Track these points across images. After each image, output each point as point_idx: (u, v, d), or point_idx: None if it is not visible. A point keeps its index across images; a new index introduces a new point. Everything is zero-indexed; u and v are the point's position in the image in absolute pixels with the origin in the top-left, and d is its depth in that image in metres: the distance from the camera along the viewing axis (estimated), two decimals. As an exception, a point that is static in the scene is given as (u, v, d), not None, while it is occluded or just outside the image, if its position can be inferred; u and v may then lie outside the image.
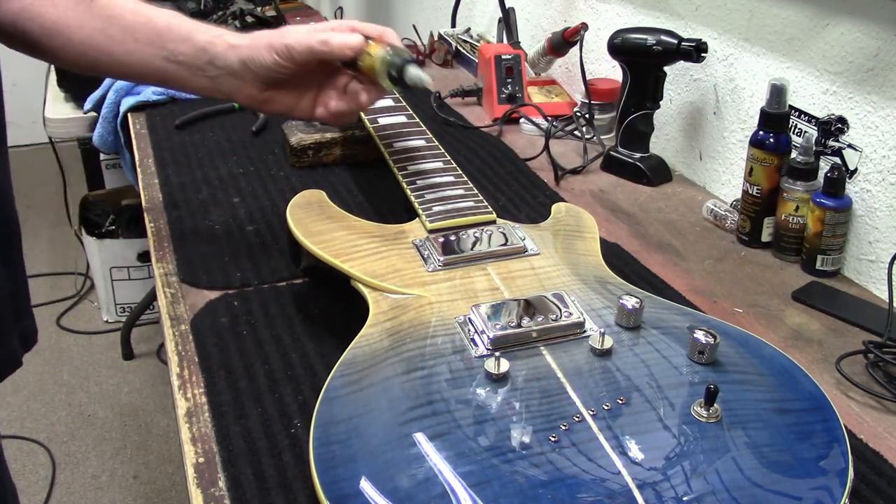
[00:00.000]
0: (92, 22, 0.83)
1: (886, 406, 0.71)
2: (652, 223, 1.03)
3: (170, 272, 0.89)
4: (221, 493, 0.60)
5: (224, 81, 0.85)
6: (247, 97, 0.86)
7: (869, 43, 0.86)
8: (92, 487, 1.97)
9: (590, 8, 1.39)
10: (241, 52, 0.83)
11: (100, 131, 1.49)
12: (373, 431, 0.56)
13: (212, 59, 0.84)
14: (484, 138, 1.28)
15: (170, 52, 0.84)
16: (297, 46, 0.83)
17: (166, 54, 0.84)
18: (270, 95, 0.87)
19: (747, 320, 0.83)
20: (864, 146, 0.89)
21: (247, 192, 1.08)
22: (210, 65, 0.84)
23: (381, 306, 0.70)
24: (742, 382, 0.61)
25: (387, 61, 0.82)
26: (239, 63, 0.83)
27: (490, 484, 0.51)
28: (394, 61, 0.82)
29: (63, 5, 0.83)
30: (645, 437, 0.55)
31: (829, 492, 0.53)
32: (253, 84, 0.85)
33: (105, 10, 0.84)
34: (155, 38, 0.84)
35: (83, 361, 2.42)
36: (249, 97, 0.86)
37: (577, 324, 0.65)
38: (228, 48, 0.84)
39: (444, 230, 0.79)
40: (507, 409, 0.58)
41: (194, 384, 0.72)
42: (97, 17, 0.84)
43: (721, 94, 1.10)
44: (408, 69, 0.81)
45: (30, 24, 0.82)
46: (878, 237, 0.88)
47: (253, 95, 0.86)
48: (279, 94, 0.87)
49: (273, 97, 0.87)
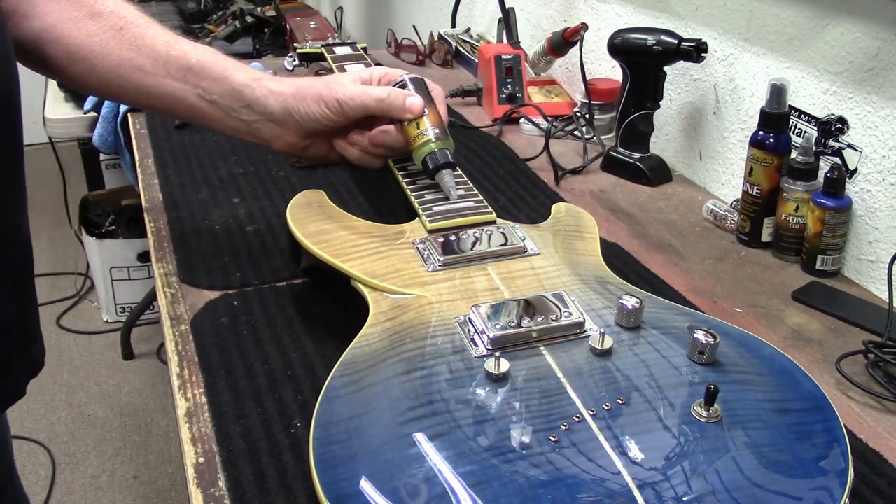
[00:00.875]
0: (120, 51, 0.80)
1: (886, 406, 0.71)
2: (652, 223, 1.03)
3: (170, 272, 0.89)
4: (221, 493, 0.60)
5: (262, 127, 0.83)
6: (286, 144, 0.85)
7: (869, 43, 0.86)
8: (92, 487, 1.98)
9: (590, 8, 1.39)
10: (286, 102, 0.81)
11: (100, 131, 1.49)
12: (373, 431, 0.56)
13: (249, 103, 0.82)
14: (484, 138, 1.28)
15: (203, 89, 0.82)
16: (349, 102, 0.81)
17: (199, 91, 0.82)
18: (310, 143, 0.85)
19: (747, 320, 0.83)
20: (864, 146, 0.89)
21: (247, 192, 1.08)
22: (247, 108, 0.82)
23: (381, 306, 0.70)
24: (742, 382, 0.61)
25: (431, 151, 0.83)
26: (282, 111, 0.81)
27: (490, 484, 0.51)
28: (437, 156, 0.82)
29: (88, 30, 0.80)
30: (645, 437, 0.55)
31: (829, 492, 0.53)
32: (294, 133, 0.83)
33: (137, 40, 0.81)
34: (188, 74, 0.81)
35: (83, 361, 2.42)
36: (288, 144, 0.85)
37: (577, 324, 0.65)
38: (269, 94, 0.81)
39: (444, 230, 0.79)
40: (507, 409, 0.58)
41: (194, 384, 0.72)
42: (127, 45, 0.81)
43: (721, 94, 1.10)
44: (443, 173, 0.82)
45: (52, 47, 0.79)
46: (878, 237, 0.88)
47: (293, 143, 0.84)
48: (318, 142, 0.86)
49: (312, 144, 0.85)
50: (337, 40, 1.33)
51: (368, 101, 0.82)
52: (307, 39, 1.37)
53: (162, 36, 0.82)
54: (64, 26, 0.79)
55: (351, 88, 0.82)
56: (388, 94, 0.82)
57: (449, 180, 0.83)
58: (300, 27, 1.84)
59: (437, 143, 0.83)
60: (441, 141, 0.83)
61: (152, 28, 0.83)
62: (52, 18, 0.79)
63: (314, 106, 0.81)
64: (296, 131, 0.83)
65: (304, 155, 0.88)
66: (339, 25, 2.49)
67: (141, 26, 0.82)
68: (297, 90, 0.81)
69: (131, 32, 0.81)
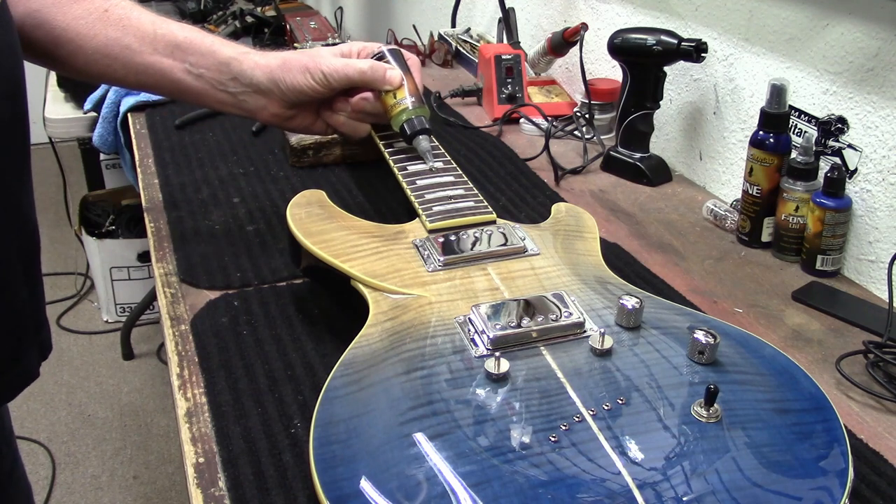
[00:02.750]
0: (106, 31, 0.83)
1: (886, 406, 0.71)
2: (652, 223, 1.03)
3: (170, 272, 0.89)
4: (221, 493, 0.60)
5: (248, 98, 0.87)
6: (270, 115, 0.88)
7: (869, 43, 0.86)
8: (92, 487, 1.98)
9: (590, 8, 1.39)
10: (272, 73, 0.85)
11: (100, 131, 1.49)
12: (373, 431, 0.56)
13: (236, 75, 0.85)
14: (484, 138, 1.28)
15: (191, 64, 0.85)
16: (334, 74, 0.86)
17: (187, 66, 0.85)
18: (294, 113, 0.89)
19: (747, 320, 0.83)
20: (864, 146, 0.89)
21: (247, 192, 1.08)
22: (234, 81, 0.85)
23: (381, 306, 0.70)
24: (742, 382, 0.61)
25: (408, 118, 0.88)
26: (268, 82, 0.85)
27: (490, 484, 0.51)
28: (413, 122, 0.88)
29: (73, 13, 0.81)
30: (645, 437, 0.55)
31: (829, 492, 0.53)
32: (279, 103, 0.87)
33: (122, 21, 0.83)
34: (175, 50, 0.84)
35: (83, 361, 2.42)
36: (273, 115, 0.88)
37: (577, 324, 0.65)
38: (256, 66, 0.85)
39: (444, 230, 0.79)
40: (507, 409, 0.58)
41: (194, 384, 0.72)
42: (112, 26, 0.83)
43: (721, 94, 1.10)
44: (420, 139, 0.88)
45: (37, 31, 0.80)
46: (878, 237, 0.88)
47: (277, 114, 0.88)
48: (301, 112, 0.90)
49: (296, 115, 0.90)
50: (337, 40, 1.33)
51: (352, 73, 0.86)
52: (307, 39, 1.38)
53: (146, 16, 0.85)
54: (48, 10, 0.81)
55: (335, 61, 0.86)
56: (369, 66, 0.87)
57: (426, 145, 0.88)
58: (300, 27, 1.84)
59: (413, 110, 0.88)
60: (417, 109, 0.89)
61: (136, 9, 0.86)
62: (35, 3, 0.81)
63: (300, 77, 0.85)
64: (280, 102, 0.87)
65: (289, 126, 0.92)
66: (339, 25, 2.49)
67: (125, 8, 0.85)
68: (282, 62, 0.85)
69: (116, 14, 0.83)
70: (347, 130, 0.92)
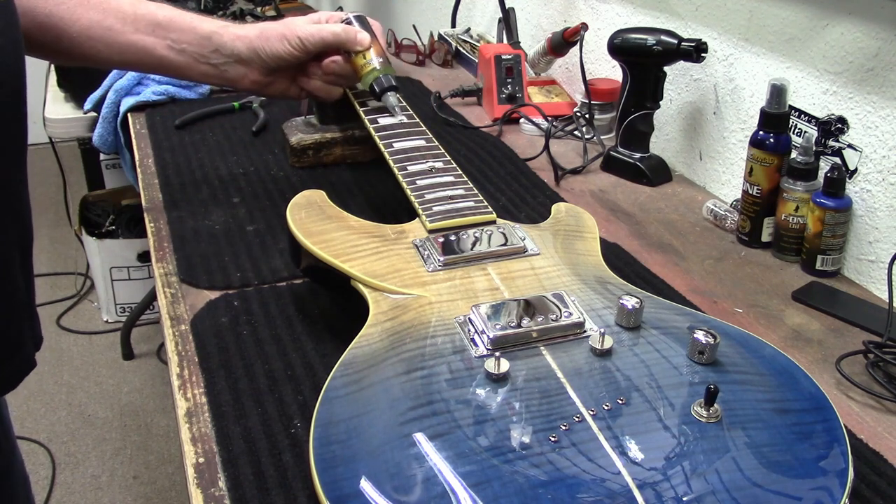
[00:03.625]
0: (89, 14, 0.87)
1: (886, 406, 0.71)
2: (652, 223, 1.03)
3: (170, 272, 0.89)
4: (221, 493, 0.60)
5: (229, 69, 0.93)
6: (250, 82, 0.95)
7: (869, 43, 0.86)
8: (92, 487, 1.98)
9: (590, 8, 1.39)
10: (252, 43, 0.92)
11: (100, 131, 1.48)
12: (373, 431, 0.56)
13: (218, 47, 0.91)
14: (484, 138, 1.28)
15: (173, 40, 0.90)
16: (310, 38, 0.93)
17: (169, 43, 0.90)
18: (272, 80, 0.96)
19: (747, 320, 0.83)
20: (864, 146, 0.89)
21: (247, 192, 1.08)
22: (216, 53, 0.92)
23: (381, 306, 0.70)
24: (742, 382, 0.61)
25: (377, 76, 0.97)
26: (248, 52, 0.92)
27: (490, 484, 0.51)
28: (380, 80, 0.97)
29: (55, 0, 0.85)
30: (645, 437, 0.55)
31: (829, 492, 0.52)
32: (259, 71, 0.94)
33: (102, 4, 0.88)
34: (157, 28, 0.90)
35: (83, 361, 2.42)
36: (253, 82, 0.95)
37: (577, 324, 0.65)
38: (236, 38, 0.92)
39: (444, 230, 0.79)
40: (507, 409, 0.58)
41: (194, 384, 0.72)
42: (94, 9, 0.87)
43: (721, 94, 1.10)
44: (388, 95, 0.97)
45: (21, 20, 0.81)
46: (878, 237, 0.88)
47: (256, 80, 0.95)
48: (278, 79, 0.97)
49: (274, 81, 0.97)
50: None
51: (326, 35, 0.94)
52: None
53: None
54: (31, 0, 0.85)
55: (309, 27, 0.94)
56: (342, 29, 0.95)
57: (393, 101, 0.97)
58: (300, 27, 1.84)
59: (382, 69, 0.97)
60: (385, 68, 0.97)
61: None
62: None
63: (278, 44, 0.92)
64: (260, 69, 0.94)
65: (267, 92, 0.98)
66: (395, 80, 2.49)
67: None
68: (260, 32, 0.93)
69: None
70: (322, 93, 0.99)
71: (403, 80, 1.57)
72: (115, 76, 1.45)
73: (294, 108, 1.36)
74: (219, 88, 1.48)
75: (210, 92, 1.46)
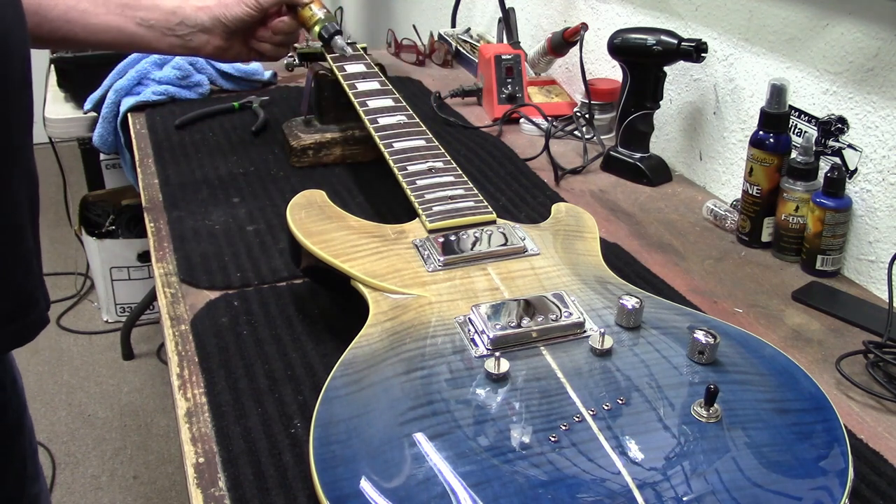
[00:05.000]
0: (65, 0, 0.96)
1: (886, 406, 0.71)
2: (652, 223, 1.03)
3: (170, 272, 0.89)
4: (221, 493, 0.60)
5: (194, 38, 1.04)
6: (213, 48, 1.06)
7: (869, 43, 0.86)
8: (92, 487, 1.97)
9: (590, 8, 1.39)
10: (213, 11, 1.04)
11: (100, 131, 1.48)
12: (373, 431, 0.56)
13: (183, 19, 1.03)
14: (484, 138, 1.28)
15: (141, 18, 1.01)
16: None
17: (138, 20, 1.01)
18: (231, 44, 1.07)
19: (747, 320, 0.83)
20: (864, 146, 0.89)
21: (247, 192, 1.08)
22: (181, 25, 1.03)
23: (381, 306, 0.70)
24: (742, 382, 0.61)
25: (322, 24, 1.10)
26: (211, 20, 1.03)
27: (490, 484, 0.51)
28: (327, 27, 1.10)
29: None
30: (645, 437, 0.55)
31: (829, 492, 0.53)
32: (221, 36, 1.05)
33: None
34: (125, 9, 1.01)
35: (83, 361, 2.42)
36: (215, 48, 1.06)
37: (577, 324, 0.65)
38: (198, 10, 1.03)
39: (444, 230, 0.79)
40: (507, 409, 0.58)
41: (194, 384, 0.72)
42: None
43: (721, 94, 1.10)
44: (336, 39, 1.11)
45: None
46: (878, 237, 0.88)
47: (218, 46, 1.06)
48: (234, 43, 1.07)
49: (231, 45, 1.07)
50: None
51: None
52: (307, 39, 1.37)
53: None
54: None
55: None
56: None
57: (341, 42, 1.11)
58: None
59: (326, 19, 1.11)
60: (328, 17, 1.11)
61: None
62: None
63: (237, 8, 1.04)
64: (221, 35, 1.05)
65: (226, 57, 1.09)
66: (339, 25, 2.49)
67: None
68: (218, 1, 1.04)
69: None
70: (271, 53, 1.11)
71: (404, 79, 1.57)
72: (115, 76, 1.45)
73: (294, 108, 1.36)
74: (219, 88, 1.48)
75: (210, 92, 1.46)
